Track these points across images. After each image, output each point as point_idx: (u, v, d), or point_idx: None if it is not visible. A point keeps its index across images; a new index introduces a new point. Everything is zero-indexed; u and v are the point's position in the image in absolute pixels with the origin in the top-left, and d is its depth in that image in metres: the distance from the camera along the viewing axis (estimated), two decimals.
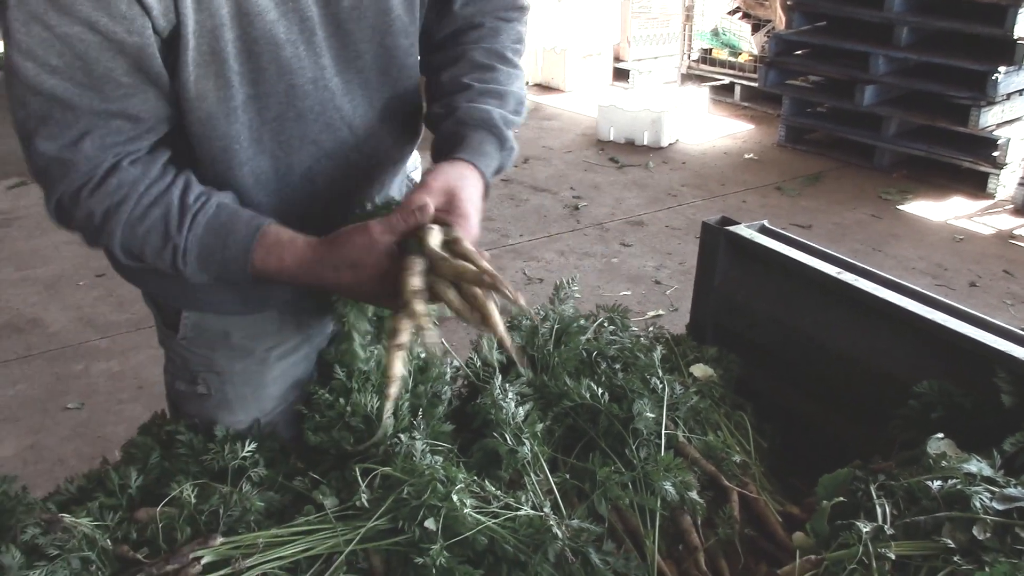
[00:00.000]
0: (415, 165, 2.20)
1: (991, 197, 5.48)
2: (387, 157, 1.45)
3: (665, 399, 1.49)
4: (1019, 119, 5.68)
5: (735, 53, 7.25)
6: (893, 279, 1.63)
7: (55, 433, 3.35)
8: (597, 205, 5.48)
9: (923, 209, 5.40)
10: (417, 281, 1.14)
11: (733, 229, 1.81)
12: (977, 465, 1.20)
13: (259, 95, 1.23)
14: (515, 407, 1.41)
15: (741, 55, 7.21)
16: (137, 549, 1.19)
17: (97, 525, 1.20)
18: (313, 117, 1.30)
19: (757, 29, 7.09)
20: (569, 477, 1.38)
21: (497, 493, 1.25)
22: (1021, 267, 4.69)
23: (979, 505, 1.12)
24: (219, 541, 1.17)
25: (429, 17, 1.41)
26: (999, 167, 5.44)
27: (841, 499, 1.23)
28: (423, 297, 1.14)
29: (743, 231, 1.80)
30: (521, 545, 1.20)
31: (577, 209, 5.42)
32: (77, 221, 1.23)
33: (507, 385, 1.47)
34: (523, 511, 1.23)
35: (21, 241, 4.97)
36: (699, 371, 1.65)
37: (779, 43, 6.36)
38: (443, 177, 1.26)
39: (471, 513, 1.18)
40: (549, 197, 5.60)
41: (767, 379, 1.74)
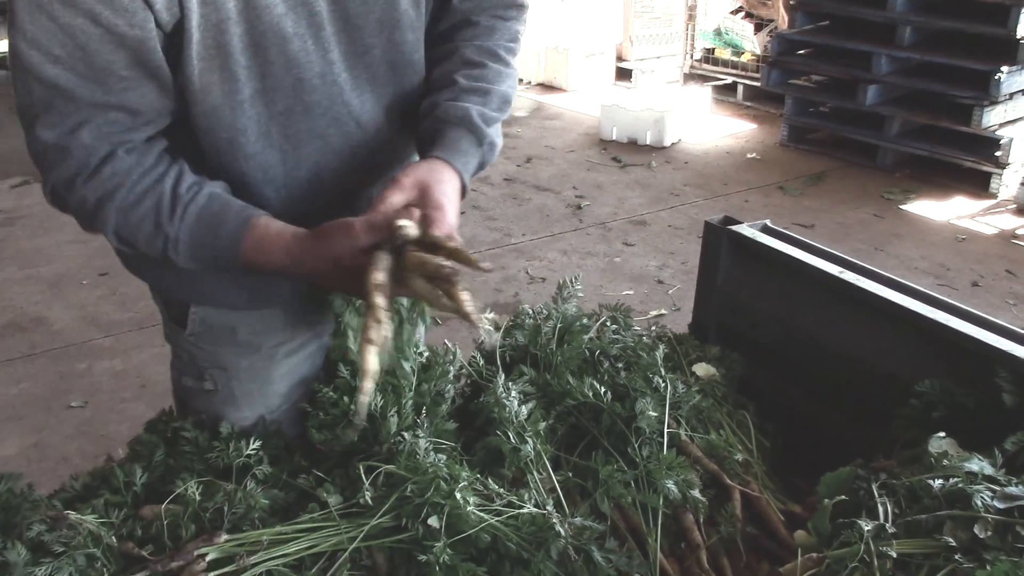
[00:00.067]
0: None
1: (994, 197, 5.47)
2: (393, 152, 1.46)
3: (667, 398, 1.49)
4: (1022, 119, 5.67)
5: (738, 53, 7.25)
6: (895, 279, 1.63)
7: (59, 432, 3.36)
8: (600, 204, 5.48)
9: (926, 209, 5.40)
10: (380, 276, 1.16)
11: (736, 229, 1.81)
12: (978, 464, 1.20)
13: (266, 89, 1.24)
14: (518, 406, 1.41)
15: (744, 55, 7.20)
16: (142, 546, 1.19)
17: (102, 522, 1.21)
18: (321, 111, 1.31)
19: (760, 29, 7.08)
20: (572, 475, 1.39)
21: (500, 491, 1.26)
22: (1023, 267, 4.69)
23: (980, 504, 1.13)
24: (223, 538, 1.17)
25: (430, 12, 1.41)
26: (1002, 167, 5.43)
27: (843, 498, 1.23)
28: (384, 292, 1.15)
29: (746, 231, 1.80)
30: (524, 543, 1.21)
31: (580, 208, 5.43)
32: (72, 206, 1.25)
33: (510, 384, 1.47)
34: (526, 509, 1.24)
35: (25, 240, 4.97)
36: (701, 370, 1.65)
37: (782, 43, 6.35)
38: (415, 174, 1.28)
39: (474, 511, 1.19)
40: (552, 196, 5.61)
41: (769, 378, 1.74)
